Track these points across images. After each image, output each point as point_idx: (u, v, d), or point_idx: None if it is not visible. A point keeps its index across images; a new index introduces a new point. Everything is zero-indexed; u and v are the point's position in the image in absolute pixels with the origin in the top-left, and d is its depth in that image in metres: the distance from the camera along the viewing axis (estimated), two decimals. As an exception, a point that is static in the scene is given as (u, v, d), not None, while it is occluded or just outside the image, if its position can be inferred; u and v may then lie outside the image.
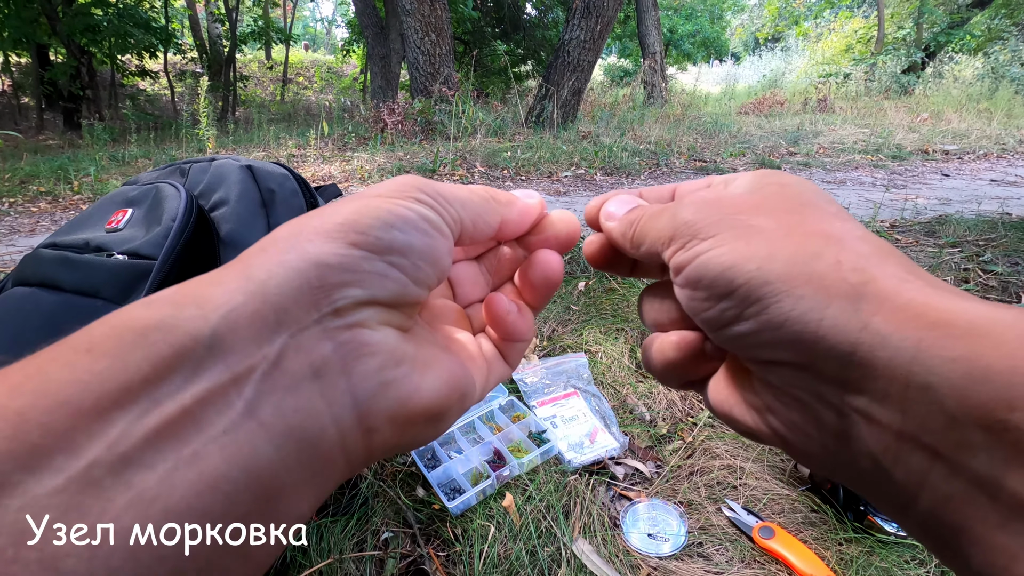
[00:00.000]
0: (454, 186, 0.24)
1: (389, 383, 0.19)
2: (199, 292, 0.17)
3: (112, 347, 0.15)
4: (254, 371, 0.16)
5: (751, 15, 21.06)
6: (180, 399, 0.15)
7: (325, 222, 0.19)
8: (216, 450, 0.15)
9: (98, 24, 6.94)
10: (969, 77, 8.63)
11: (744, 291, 0.19)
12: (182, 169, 0.88)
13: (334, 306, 0.18)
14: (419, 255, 0.20)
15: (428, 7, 5.29)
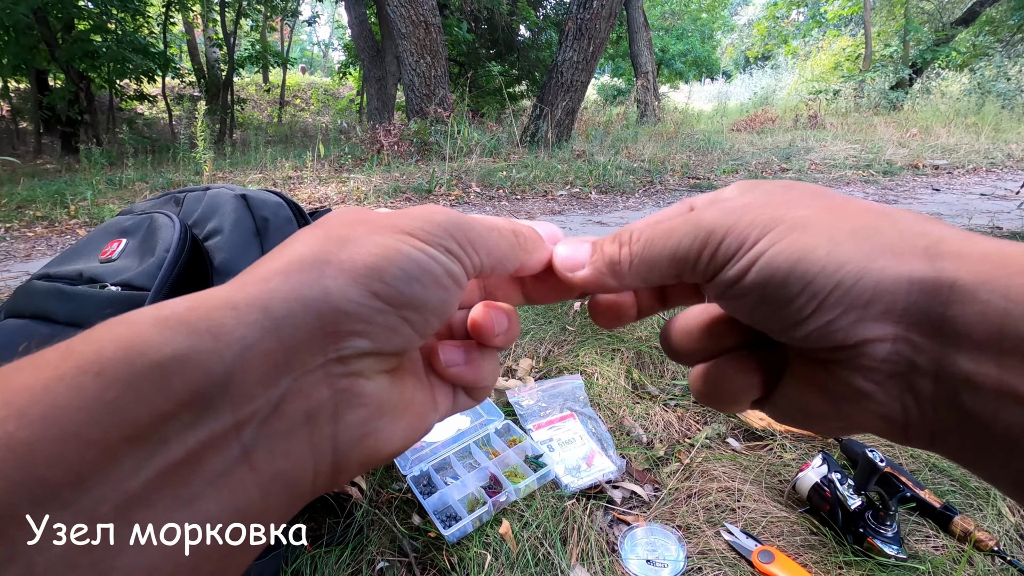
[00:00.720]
0: (485, 226, 0.23)
1: (369, 434, 0.19)
2: (215, 318, 0.16)
3: (123, 374, 0.14)
4: (256, 416, 0.16)
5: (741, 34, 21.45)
6: (185, 442, 0.15)
7: (354, 258, 0.19)
8: (211, 492, 0.15)
9: (97, 50, 7.03)
10: (956, 92, 8.79)
11: (822, 279, 0.18)
12: (177, 198, 0.88)
13: (340, 353, 0.18)
14: (433, 311, 0.20)
15: (423, 30, 5.37)
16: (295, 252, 0.19)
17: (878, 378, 0.19)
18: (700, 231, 0.21)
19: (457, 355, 0.25)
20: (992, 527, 0.91)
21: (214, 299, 0.17)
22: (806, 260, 0.19)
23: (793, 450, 1.09)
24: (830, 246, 0.19)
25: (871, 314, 0.18)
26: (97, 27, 7.25)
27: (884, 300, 0.18)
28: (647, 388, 1.32)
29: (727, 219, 0.21)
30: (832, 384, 0.20)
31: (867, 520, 0.86)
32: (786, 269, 0.19)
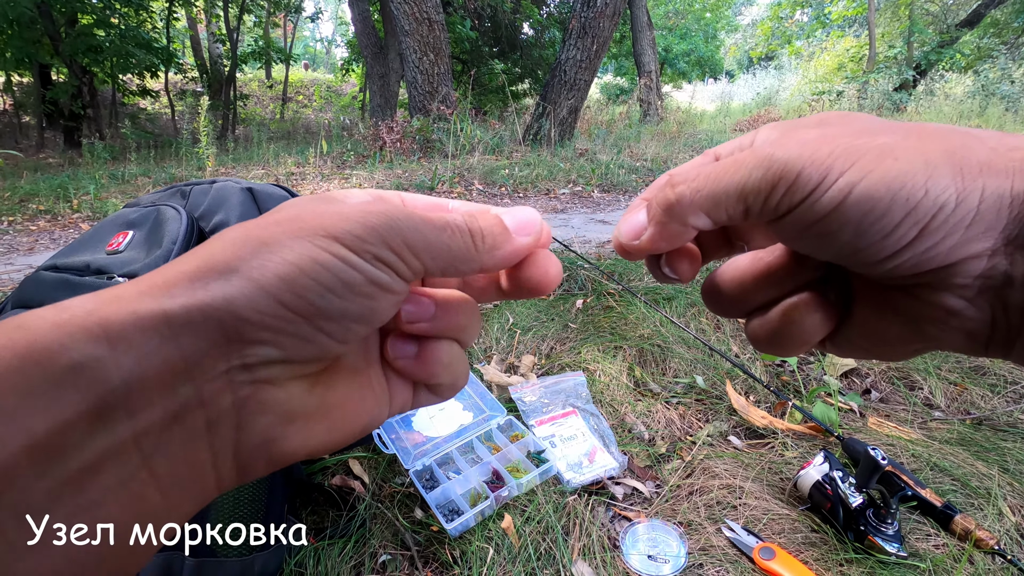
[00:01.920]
0: (433, 226, 0.21)
1: (273, 440, 0.19)
2: (115, 324, 0.16)
3: (19, 384, 0.14)
4: (155, 426, 0.16)
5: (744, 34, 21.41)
6: (84, 453, 0.15)
7: (265, 266, 0.18)
8: (111, 499, 0.15)
9: (100, 44, 7.03)
10: (960, 94, 8.77)
11: (925, 204, 0.18)
12: (183, 191, 0.88)
13: (244, 360, 0.18)
14: (354, 318, 0.19)
15: (426, 27, 5.37)
16: (208, 256, 0.18)
17: (969, 294, 0.19)
18: (773, 163, 0.20)
19: (407, 348, 0.23)
20: (993, 526, 0.91)
21: (116, 304, 0.16)
22: (906, 186, 0.18)
23: (794, 448, 1.10)
24: (928, 170, 0.18)
25: (973, 234, 0.18)
26: (100, 22, 7.25)
27: (986, 219, 0.18)
28: (649, 385, 1.32)
29: (802, 150, 0.19)
30: (914, 307, 0.20)
31: (868, 518, 0.86)
32: (887, 197, 0.18)
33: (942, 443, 1.10)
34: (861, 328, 0.22)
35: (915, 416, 1.21)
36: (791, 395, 1.26)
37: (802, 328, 0.23)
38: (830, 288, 0.23)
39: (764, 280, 0.24)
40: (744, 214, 0.21)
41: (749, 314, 0.25)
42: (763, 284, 0.24)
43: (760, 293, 0.24)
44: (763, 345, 0.24)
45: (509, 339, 1.51)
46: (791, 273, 0.24)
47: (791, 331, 0.23)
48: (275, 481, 0.84)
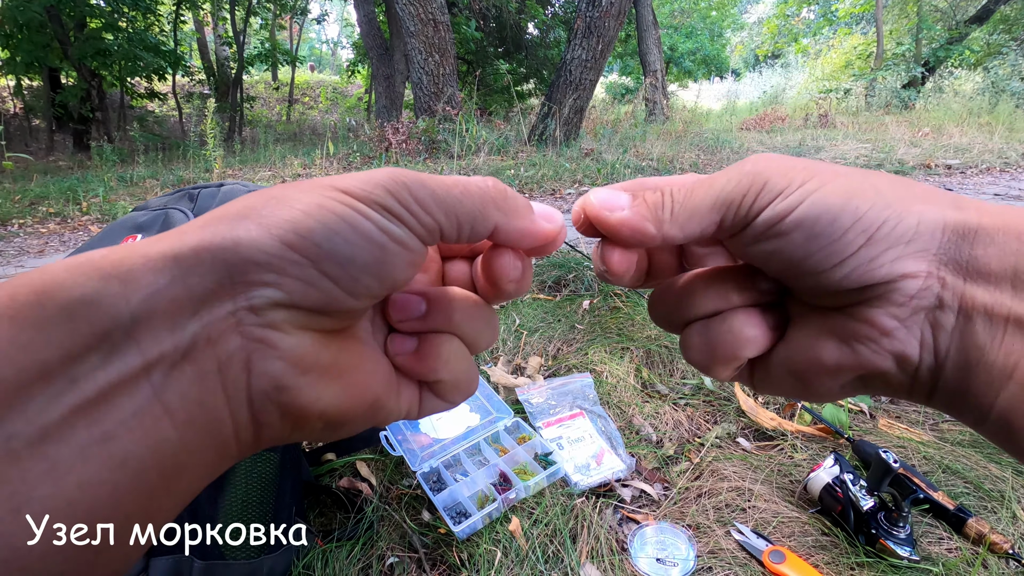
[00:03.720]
0: (443, 184, 0.21)
1: (285, 388, 0.19)
2: (126, 265, 0.16)
3: (35, 318, 0.15)
4: (164, 359, 0.16)
5: (750, 32, 21.30)
6: (96, 381, 0.15)
7: (275, 213, 0.18)
8: (125, 431, 0.16)
9: (109, 48, 7.09)
10: (969, 91, 8.68)
11: (872, 215, 0.20)
12: (191, 195, 0.89)
13: (250, 302, 0.18)
14: (361, 268, 0.19)
15: (432, 28, 5.38)
16: (221, 210, 0.19)
17: (903, 314, 0.20)
18: (744, 175, 0.22)
19: (406, 343, 0.23)
20: (1007, 530, 0.90)
21: (129, 249, 0.17)
22: (856, 197, 0.20)
23: (804, 450, 1.09)
24: (875, 189, 0.21)
25: (911, 251, 0.20)
26: (109, 25, 7.31)
27: (923, 239, 0.20)
28: (657, 387, 1.32)
29: (769, 164, 0.22)
30: (850, 327, 0.21)
31: (880, 521, 0.85)
32: (839, 204, 0.20)
33: (954, 445, 1.09)
34: (794, 351, 0.23)
35: (926, 418, 1.20)
36: (800, 396, 1.25)
37: (738, 337, 0.24)
38: (770, 313, 0.25)
39: (712, 289, 0.25)
40: (717, 225, 0.23)
41: (689, 324, 0.26)
42: (710, 293, 0.25)
43: (706, 301, 0.25)
44: (695, 352, 0.25)
45: (515, 340, 1.51)
46: (738, 288, 0.25)
47: (726, 339, 0.24)
48: (284, 483, 0.84)
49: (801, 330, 0.23)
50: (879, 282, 0.20)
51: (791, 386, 0.24)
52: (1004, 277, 0.19)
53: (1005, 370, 0.19)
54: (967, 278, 0.19)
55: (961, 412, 0.21)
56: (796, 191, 0.21)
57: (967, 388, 0.20)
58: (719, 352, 0.24)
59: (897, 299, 0.20)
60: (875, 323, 0.21)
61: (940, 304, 0.20)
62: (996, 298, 0.19)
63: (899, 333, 0.20)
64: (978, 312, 0.19)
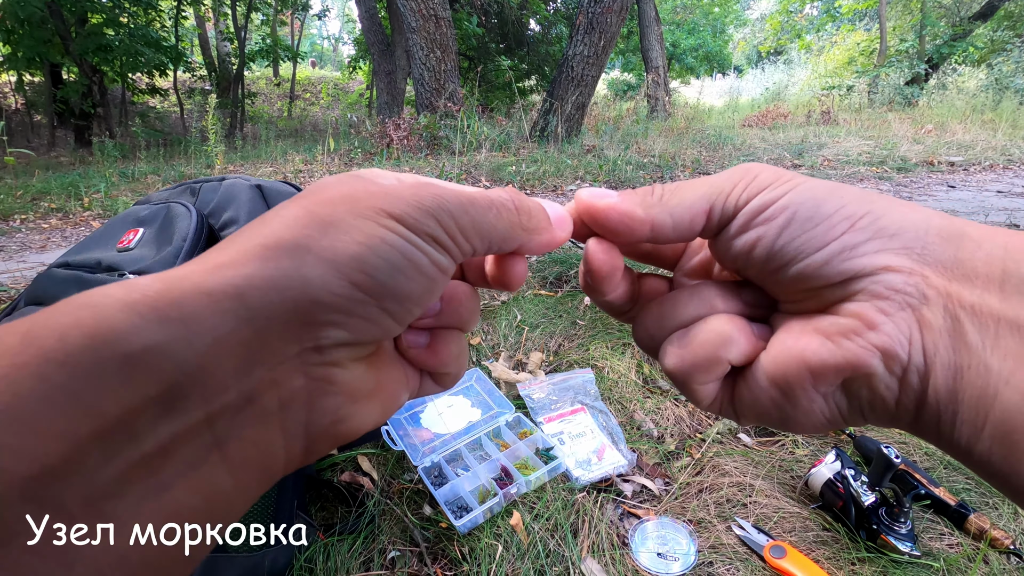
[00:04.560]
0: (481, 206, 0.21)
1: (341, 420, 0.19)
2: (188, 306, 0.15)
3: (90, 366, 0.13)
4: (228, 408, 0.16)
5: (753, 29, 21.23)
6: (156, 436, 0.14)
7: (335, 246, 0.18)
8: (181, 482, 0.15)
9: (110, 44, 7.08)
10: (973, 88, 8.64)
11: (854, 206, 0.21)
12: (192, 188, 0.89)
13: (317, 343, 0.18)
14: (415, 301, 0.20)
15: (433, 24, 5.36)
16: (274, 233, 0.18)
17: (889, 308, 0.20)
18: (735, 171, 0.23)
19: (419, 338, 0.24)
20: (1008, 526, 0.90)
21: (187, 283, 0.16)
22: (841, 189, 0.21)
23: (805, 446, 1.09)
24: (858, 190, 0.21)
25: (895, 246, 0.20)
26: (110, 21, 7.30)
27: (908, 235, 0.20)
28: (658, 382, 1.32)
29: (761, 166, 0.23)
30: (834, 323, 0.21)
31: (881, 517, 0.85)
32: (824, 193, 0.21)
33: (956, 441, 1.09)
34: (777, 352, 0.22)
35: (928, 414, 1.20)
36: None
37: (719, 335, 0.23)
38: (756, 324, 0.24)
39: (696, 298, 0.25)
40: (706, 215, 0.23)
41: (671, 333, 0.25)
42: (694, 302, 0.25)
43: (688, 308, 0.24)
44: (673, 357, 0.24)
45: (517, 336, 1.51)
46: (722, 297, 0.24)
47: (708, 337, 0.23)
48: (285, 479, 0.84)
49: (785, 333, 0.22)
50: (860, 271, 0.20)
51: (773, 402, 0.22)
52: (991, 279, 0.19)
53: (1001, 374, 0.17)
54: (952, 279, 0.19)
55: (952, 432, 0.19)
56: (783, 184, 0.22)
57: (960, 396, 0.18)
58: (699, 353, 0.23)
59: (881, 292, 0.20)
60: (861, 316, 0.20)
61: (926, 300, 0.19)
62: (984, 299, 0.18)
63: (886, 327, 0.19)
64: (966, 311, 0.19)
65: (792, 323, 0.23)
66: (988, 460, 0.18)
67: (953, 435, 0.19)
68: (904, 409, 0.20)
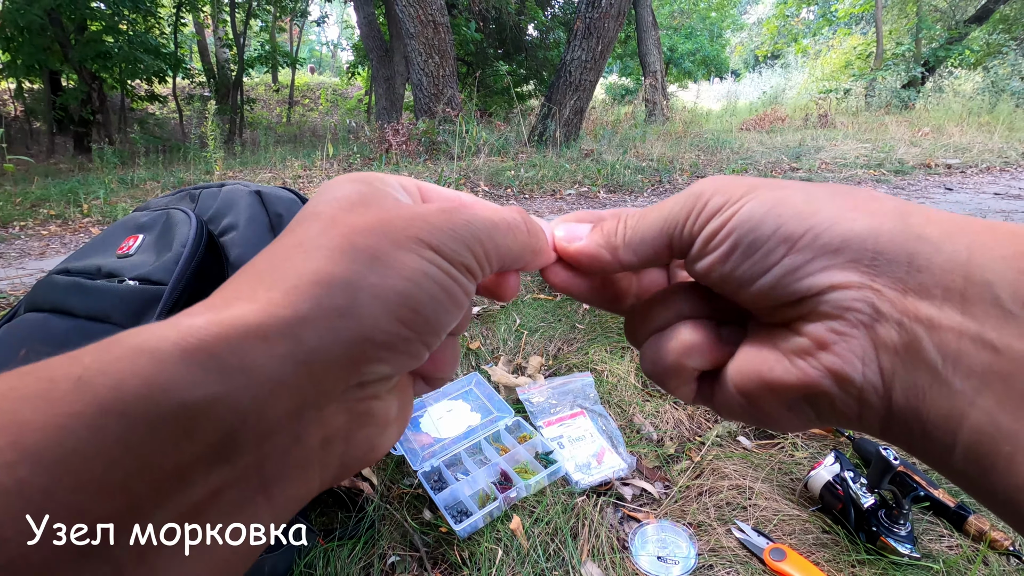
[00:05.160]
0: (502, 231, 0.22)
1: (372, 448, 0.20)
2: (246, 352, 0.15)
3: (148, 417, 0.13)
4: (276, 451, 0.16)
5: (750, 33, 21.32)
6: (208, 484, 0.14)
7: (385, 283, 0.18)
8: (223, 521, 0.15)
9: (109, 51, 7.10)
10: (969, 91, 8.68)
11: (794, 223, 0.19)
12: (192, 195, 0.89)
13: (361, 379, 0.18)
14: (447, 329, 0.20)
15: (431, 30, 5.38)
16: (320, 268, 0.17)
17: (841, 327, 0.19)
18: (690, 195, 0.22)
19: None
20: (1007, 527, 0.90)
21: (241, 325, 0.15)
22: (781, 205, 0.20)
23: (805, 449, 1.09)
24: (806, 198, 0.20)
25: (839, 261, 0.19)
26: (109, 28, 7.33)
27: (853, 248, 0.18)
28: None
29: (714, 184, 0.22)
30: (790, 341, 0.20)
31: (880, 519, 0.85)
32: (761, 214, 0.20)
33: (955, 443, 1.09)
34: (740, 364, 0.22)
35: (927, 416, 1.20)
36: (801, 395, 1.25)
37: (681, 343, 0.23)
38: (726, 328, 0.24)
39: (667, 303, 0.25)
40: (667, 248, 0.23)
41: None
42: (665, 306, 0.25)
43: (660, 314, 0.25)
44: (646, 363, 0.25)
45: (516, 340, 1.51)
46: (690, 302, 0.25)
47: (671, 346, 0.24)
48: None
49: (749, 345, 0.22)
50: (806, 294, 0.19)
51: (742, 408, 0.23)
52: (951, 289, 0.17)
53: (966, 395, 0.16)
54: (908, 291, 0.18)
55: (922, 447, 0.18)
56: (731, 206, 0.21)
57: (924, 416, 0.17)
58: (663, 360, 0.24)
59: (830, 311, 0.19)
60: (812, 336, 0.19)
61: (879, 316, 0.18)
62: (943, 313, 0.17)
63: (838, 348, 0.19)
64: (923, 327, 0.17)
65: (758, 335, 0.22)
66: (963, 474, 0.17)
67: (925, 449, 0.18)
68: (869, 424, 0.19)
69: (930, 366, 0.17)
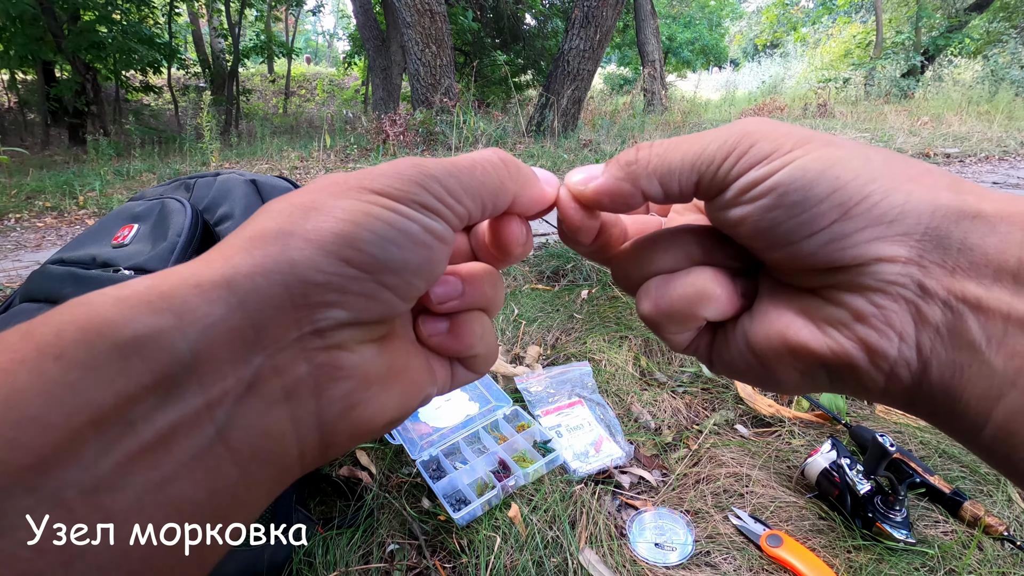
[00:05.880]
0: (463, 167, 0.21)
1: (355, 405, 0.19)
2: (177, 296, 0.15)
3: (84, 357, 0.13)
4: (228, 395, 0.16)
5: (749, 22, 21.18)
6: (154, 424, 0.14)
7: (320, 227, 0.18)
8: (185, 474, 0.15)
9: (103, 41, 7.03)
10: (969, 80, 8.64)
11: (852, 188, 0.18)
12: (187, 184, 0.88)
13: (315, 326, 0.17)
14: (414, 272, 0.19)
15: (428, 19, 5.34)
16: (258, 226, 0.18)
17: (880, 300, 0.18)
18: (732, 134, 0.21)
19: (438, 324, 0.24)
20: (1002, 513, 0.91)
21: (176, 277, 0.16)
22: (838, 166, 0.19)
23: (802, 436, 1.09)
24: (864, 162, 0.19)
25: (891, 234, 0.18)
26: (103, 18, 7.24)
27: (908, 222, 0.18)
28: (655, 375, 1.32)
29: (762, 128, 0.21)
30: (821, 309, 0.20)
31: (876, 505, 0.86)
32: (816, 172, 0.19)
33: (951, 430, 1.09)
34: (759, 323, 0.21)
35: (923, 403, 1.20)
36: (798, 383, 1.26)
37: (700, 292, 0.22)
38: (739, 280, 0.23)
39: (676, 245, 0.24)
40: (695, 186, 0.21)
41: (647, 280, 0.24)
42: (673, 249, 0.24)
43: (667, 256, 0.24)
44: (649, 304, 0.23)
45: (514, 330, 1.51)
46: (702, 247, 0.23)
47: (687, 291, 0.22)
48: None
49: (770, 303, 0.22)
50: (852, 262, 0.18)
51: (748, 366, 0.22)
52: (1004, 271, 0.17)
53: (1007, 375, 0.16)
54: (957, 269, 0.17)
55: (949, 422, 0.18)
56: (780, 157, 0.19)
57: (958, 394, 0.17)
58: (676, 306, 0.23)
59: (873, 284, 0.18)
60: (851, 308, 0.19)
61: (924, 293, 0.18)
62: (992, 293, 0.17)
63: (875, 321, 0.18)
64: (970, 307, 0.17)
65: (780, 294, 0.21)
66: (990, 450, 0.17)
67: (951, 424, 0.18)
68: (891, 397, 0.19)
69: (973, 346, 0.17)
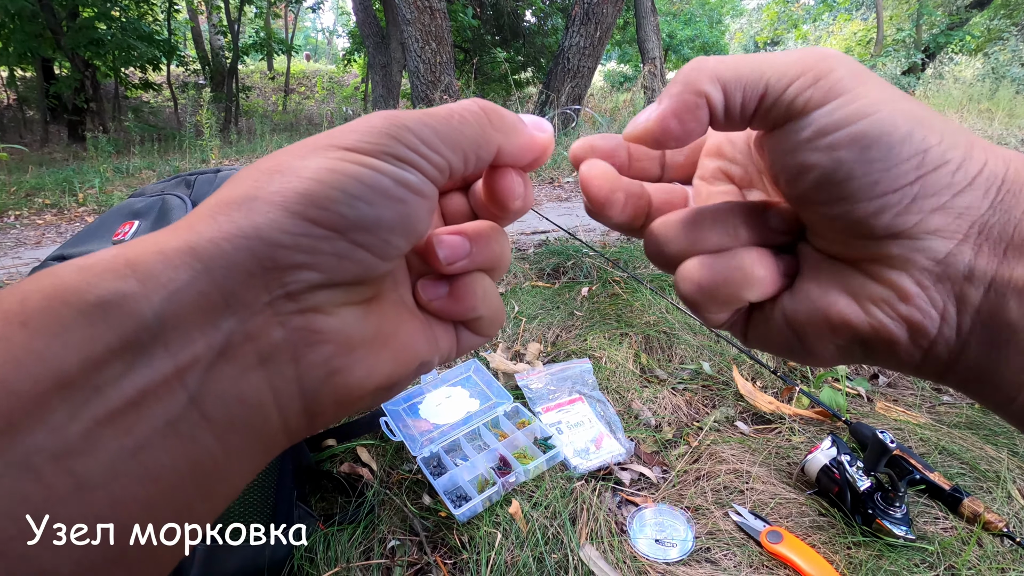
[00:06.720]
0: (439, 117, 0.20)
1: (338, 371, 0.18)
2: (142, 262, 0.15)
3: (49, 323, 0.13)
4: (199, 361, 0.15)
5: (750, 19, 21.14)
6: (123, 389, 0.14)
7: (284, 188, 0.17)
8: (159, 441, 0.14)
9: (102, 38, 7.02)
10: (969, 78, 8.62)
11: (935, 152, 0.17)
12: (187, 181, 0.88)
13: (286, 289, 0.17)
14: (389, 229, 0.18)
15: (428, 16, 5.33)
16: (224, 194, 0.17)
17: (926, 280, 0.18)
18: (807, 56, 0.19)
19: (438, 288, 0.23)
20: (1002, 509, 0.91)
21: (141, 246, 0.16)
22: (926, 126, 0.18)
23: (802, 433, 1.09)
24: (946, 128, 0.18)
25: (958, 204, 0.17)
26: (102, 14, 7.23)
27: (975, 194, 0.17)
28: (655, 372, 1.32)
29: (843, 59, 0.19)
30: (865, 286, 0.19)
31: (876, 501, 0.86)
32: (908, 127, 0.17)
33: (951, 427, 1.10)
34: (801, 301, 0.21)
35: (923, 400, 1.21)
36: (798, 380, 1.26)
37: (747, 275, 0.21)
38: (781, 258, 0.22)
39: (720, 223, 0.23)
40: (759, 101, 0.19)
41: (687, 259, 0.23)
42: (717, 227, 0.22)
43: (711, 234, 0.22)
44: (692, 285, 0.22)
45: (515, 327, 1.51)
46: (747, 224, 0.22)
47: (734, 276, 0.22)
48: (284, 470, 0.84)
49: (812, 280, 0.21)
50: (905, 231, 0.18)
51: (786, 341, 0.22)
52: None
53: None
54: (1008, 252, 0.17)
55: (980, 392, 0.19)
56: (867, 98, 0.18)
57: (994, 368, 0.18)
58: (722, 290, 0.22)
59: (921, 261, 0.18)
60: (895, 286, 0.18)
61: (970, 276, 0.17)
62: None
63: (919, 301, 0.18)
64: (1012, 291, 0.17)
65: (822, 270, 0.21)
66: (1021, 418, 0.18)
67: (983, 395, 0.19)
68: (927, 371, 0.19)
69: (1012, 326, 0.17)
